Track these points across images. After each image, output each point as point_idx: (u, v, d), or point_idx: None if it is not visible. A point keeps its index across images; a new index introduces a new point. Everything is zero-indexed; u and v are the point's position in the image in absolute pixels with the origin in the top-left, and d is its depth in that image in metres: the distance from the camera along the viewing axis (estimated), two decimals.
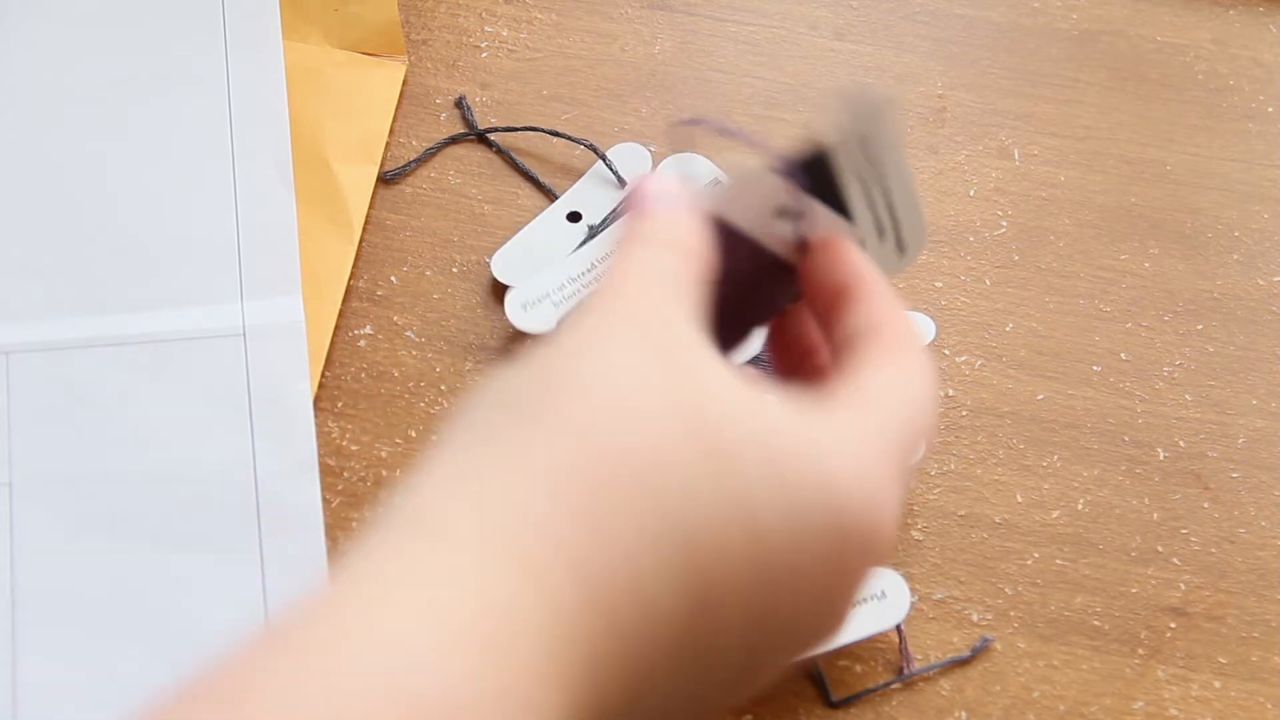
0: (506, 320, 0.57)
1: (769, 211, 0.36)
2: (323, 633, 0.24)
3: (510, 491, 0.26)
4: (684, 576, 0.27)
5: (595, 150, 0.61)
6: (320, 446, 0.54)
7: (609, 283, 0.31)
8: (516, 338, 0.57)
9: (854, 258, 0.35)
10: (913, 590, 0.52)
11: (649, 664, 0.27)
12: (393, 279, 0.59)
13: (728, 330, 0.35)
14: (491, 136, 0.62)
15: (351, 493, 0.54)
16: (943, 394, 0.57)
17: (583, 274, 0.57)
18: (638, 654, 0.26)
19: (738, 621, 0.28)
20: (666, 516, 0.27)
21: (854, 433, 0.29)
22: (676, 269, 0.31)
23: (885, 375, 0.32)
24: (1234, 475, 0.56)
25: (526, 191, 0.61)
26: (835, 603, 0.30)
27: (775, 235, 0.36)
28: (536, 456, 0.27)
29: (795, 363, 0.38)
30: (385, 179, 0.61)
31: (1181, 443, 0.56)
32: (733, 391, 0.29)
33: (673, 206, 0.33)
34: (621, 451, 0.27)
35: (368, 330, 0.57)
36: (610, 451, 0.27)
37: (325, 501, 0.53)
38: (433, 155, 0.62)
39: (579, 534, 0.26)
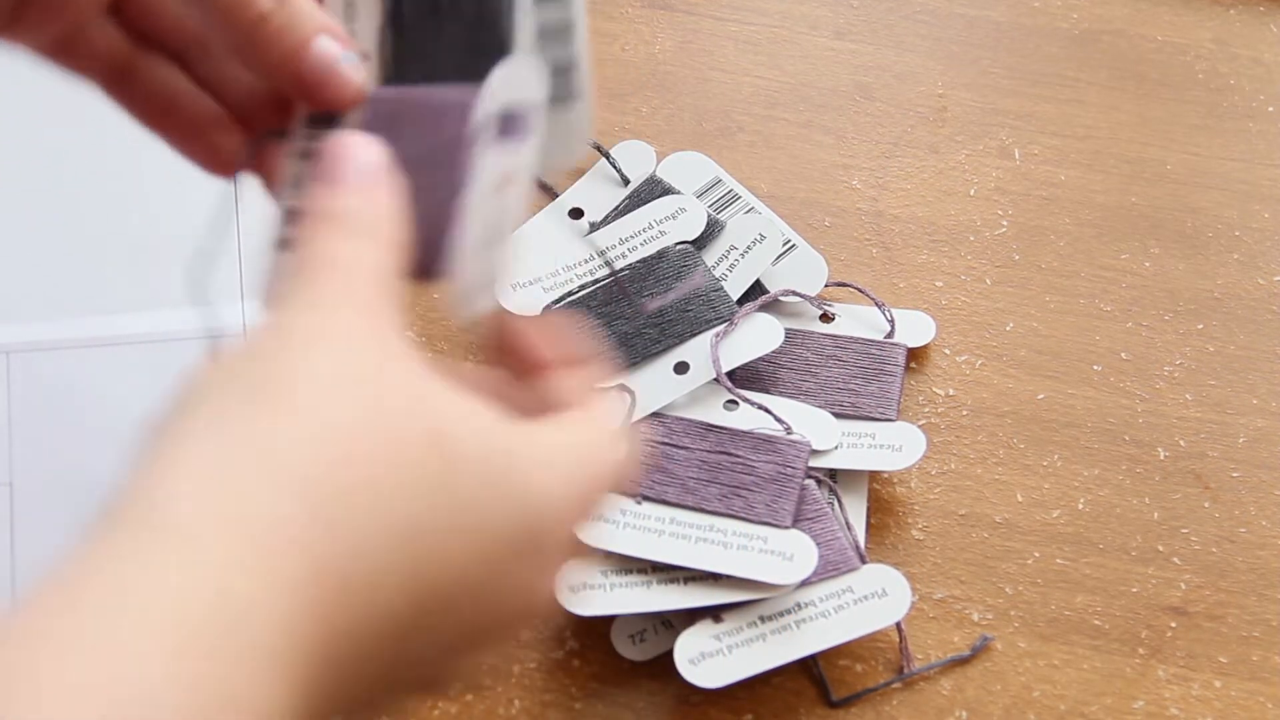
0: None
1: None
2: (31, 645, 0.23)
3: (251, 489, 0.27)
4: (409, 567, 0.29)
5: (599, 148, 0.61)
6: None
7: (318, 272, 0.31)
8: None
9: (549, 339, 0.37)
10: (913, 589, 0.52)
11: (372, 647, 0.29)
12: None
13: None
14: None
15: None
16: (943, 394, 0.57)
17: (578, 263, 0.57)
18: (361, 640, 0.28)
19: (458, 602, 0.30)
20: (400, 518, 0.29)
21: (554, 453, 0.33)
22: (381, 265, 0.32)
23: (583, 423, 0.35)
24: (1234, 475, 0.56)
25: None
26: (543, 582, 0.33)
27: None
28: (280, 453, 0.28)
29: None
30: None
31: (1182, 442, 0.56)
32: (467, 410, 0.31)
33: (373, 184, 0.33)
34: (368, 456, 0.29)
35: None
36: (357, 455, 0.28)
37: None
38: None
39: (318, 532, 0.27)
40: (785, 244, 0.59)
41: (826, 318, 0.58)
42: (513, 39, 0.36)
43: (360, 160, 0.33)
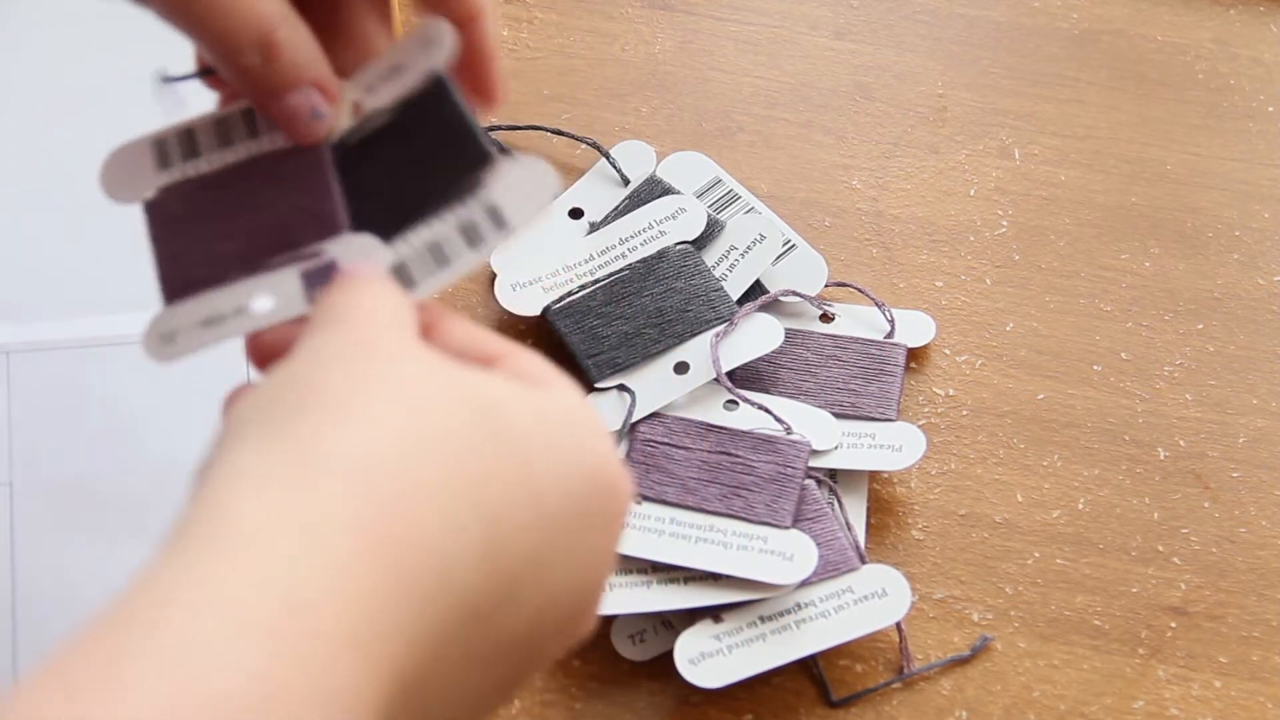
0: (506, 320, 0.57)
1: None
2: (117, 644, 0.24)
3: (309, 485, 0.28)
4: (479, 541, 0.29)
5: (599, 148, 0.61)
6: None
7: (351, 317, 0.33)
8: (517, 336, 0.57)
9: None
10: (913, 589, 0.52)
11: (452, 627, 0.29)
12: None
13: None
14: (492, 135, 0.62)
15: None
16: (943, 394, 0.57)
17: (578, 264, 0.57)
18: (441, 620, 0.29)
19: (528, 578, 0.31)
20: (462, 491, 0.29)
21: (575, 403, 0.33)
22: (398, 303, 0.34)
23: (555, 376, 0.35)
24: (1234, 475, 0.56)
25: None
26: (605, 553, 0.33)
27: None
28: (330, 453, 0.29)
29: None
30: None
31: (1182, 442, 0.56)
32: (498, 383, 0.32)
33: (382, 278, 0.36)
34: (418, 439, 0.29)
35: None
36: (408, 439, 0.29)
37: None
38: None
39: (381, 521, 0.28)
40: (785, 244, 0.59)
41: (826, 318, 0.58)
42: (398, 229, 0.38)
43: (368, 269, 0.36)
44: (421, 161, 0.39)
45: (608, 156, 0.61)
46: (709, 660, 0.48)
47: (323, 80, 0.37)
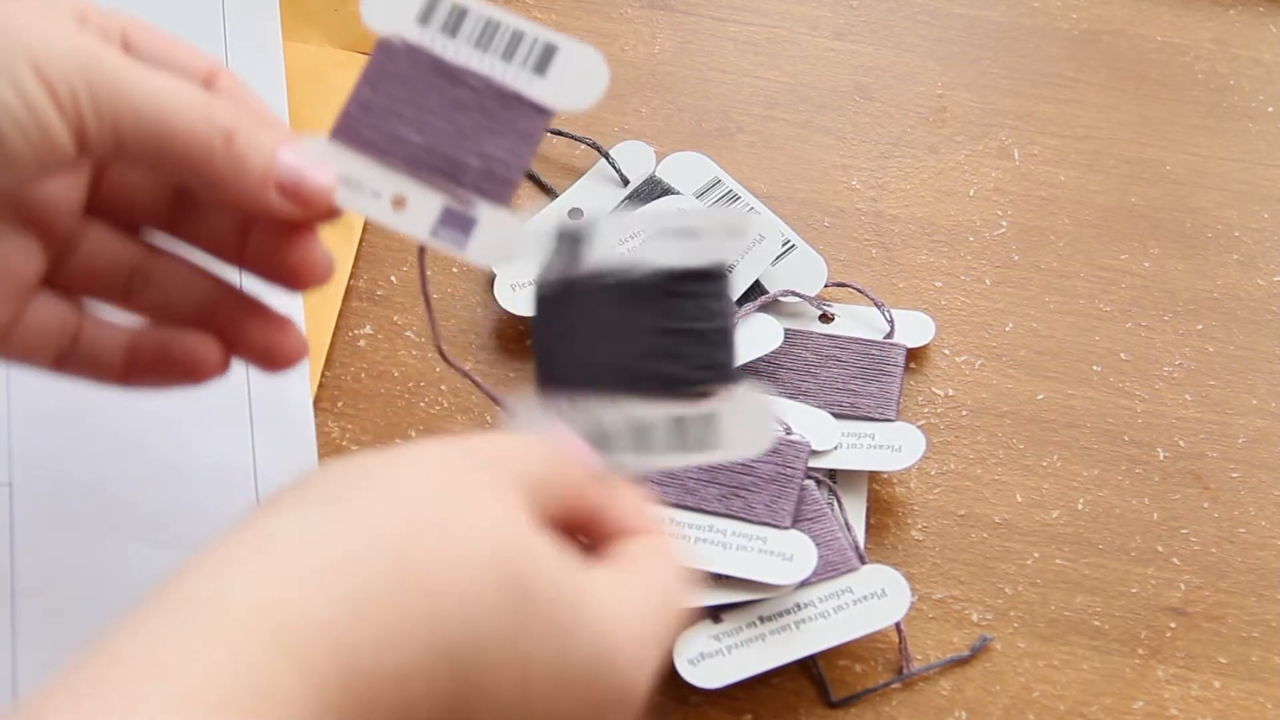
0: (505, 320, 0.57)
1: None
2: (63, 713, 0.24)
3: (298, 579, 0.28)
4: (448, 695, 0.29)
5: (598, 149, 0.61)
6: (320, 446, 0.54)
7: (489, 441, 0.33)
8: (516, 337, 0.57)
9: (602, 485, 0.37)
10: (913, 590, 0.52)
11: None
12: (393, 279, 0.59)
13: None
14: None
15: None
16: (942, 394, 0.57)
17: None
18: None
19: None
20: (448, 639, 0.29)
21: (631, 603, 0.33)
22: (533, 463, 0.34)
23: (649, 553, 0.35)
24: (1234, 475, 0.56)
25: (527, 191, 0.61)
26: None
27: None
28: (339, 554, 0.28)
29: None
30: None
31: (1181, 443, 0.56)
32: (546, 557, 0.31)
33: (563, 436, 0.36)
34: (430, 571, 0.29)
35: (368, 330, 0.57)
36: (418, 566, 0.29)
37: None
38: None
39: (356, 632, 0.28)
40: (785, 244, 0.59)
41: (826, 318, 0.58)
42: (594, 380, 0.37)
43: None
44: (663, 337, 0.37)
45: (607, 157, 0.61)
46: (709, 660, 0.48)
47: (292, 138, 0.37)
